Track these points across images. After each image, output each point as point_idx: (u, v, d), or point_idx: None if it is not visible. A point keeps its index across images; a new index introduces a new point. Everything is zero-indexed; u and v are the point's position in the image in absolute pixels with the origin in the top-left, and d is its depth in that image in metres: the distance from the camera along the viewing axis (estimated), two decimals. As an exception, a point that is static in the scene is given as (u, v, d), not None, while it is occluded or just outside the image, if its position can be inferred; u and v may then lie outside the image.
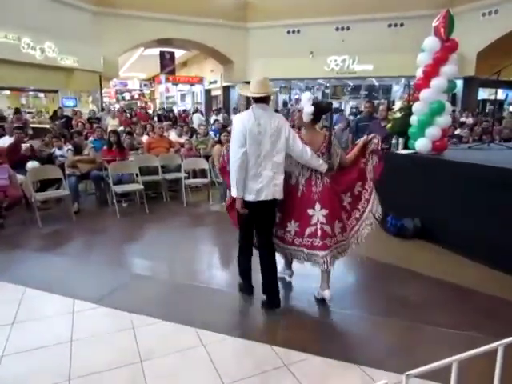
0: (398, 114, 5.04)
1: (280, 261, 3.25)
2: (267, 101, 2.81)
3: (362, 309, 3.03)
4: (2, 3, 11.20)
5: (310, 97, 2.89)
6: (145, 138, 7.79)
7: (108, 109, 13.31)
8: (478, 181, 3.81)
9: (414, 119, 4.63)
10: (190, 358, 2.36)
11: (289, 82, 19.24)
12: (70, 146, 6.32)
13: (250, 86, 2.79)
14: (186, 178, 6.26)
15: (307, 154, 2.78)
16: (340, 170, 2.99)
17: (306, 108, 2.84)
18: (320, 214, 2.86)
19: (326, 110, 3.00)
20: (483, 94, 16.69)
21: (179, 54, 21.21)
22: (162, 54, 19.32)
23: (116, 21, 15.07)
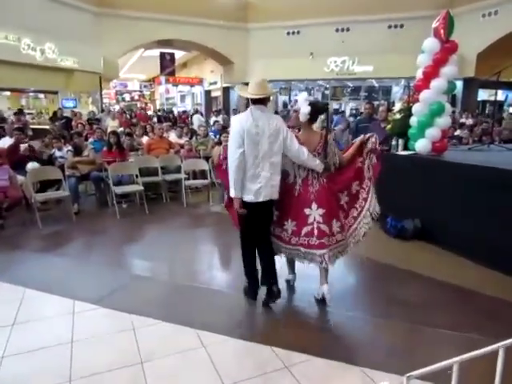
0: (398, 115, 5.05)
1: (282, 267, 3.26)
2: (265, 102, 2.83)
3: (362, 310, 3.03)
4: (2, 4, 11.22)
5: (306, 97, 2.93)
6: (145, 139, 7.79)
7: (108, 110, 13.30)
8: (477, 182, 3.81)
9: (413, 120, 4.63)
10: (191, 360, 2.36)
11: (289, 83, 19.25)
12: (70, 147, 6.32)
13: (248, 88, 2.81)
14: (186, 179, 6.27)
15: (304, 154, 2.82)
16: (337, 169, 3.01)
17: (303, 108, 2.87)
18: (317, 213, 2.89)
19: (322, 110, 3.01)
20: (483, 94, 16.69)
21: (179, 54, 21.23)
22: (162, 55, 19.34)
23: (116, 22, 15.08)
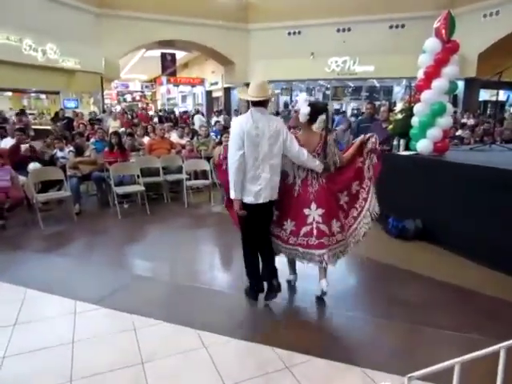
0: (400, 116, 5.04)
1: (283, 267, 3.27)
2: (265, 104, 2.85)
3: (363, 311, 3.03)
4: (3, 5, 11.26)
5: (306, 98, 2.95)
6: (146, 140, 7.80)
7: (109, 110, 13.32)
8: (479, 182, 3.80)
9: (415, 120, 4.62)
10: (192, 360, 2.36)
11: (290, 83, 19.24)
12: (72, 148, 6.33)
13: (248, 90, 2.82)
14: (188, 179, 6.27)
15: (304, 155, 2.84)
16: (337, 169, 3.02)
17: (303, 109, 2.89)
18: (316, 213, 2.91)
19: (322, 111, 3.02)
20: (484, 95, 16.66)
21: (180, 55, 21.26)
22: (163, 55, 19.37)
23: (117, 22, 15.11)
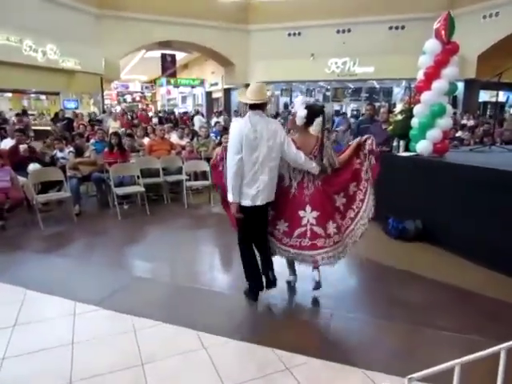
0: (399, 117, 5.04)
1: (283, 268, 3.29)
2: (263, 107, 2.87)
3: (363, 311, 3.03)
4: (4, 5, 11.28)
5: (303, 101, 2.97)
6: (146, 140, 7.80)
7: (109, 111, 13.33)
8: (479, 183, 3.80)
9: (415, 121, 4.63)
10: (192, 361, 2.35)
11: (290, 84, 19.26)
12: (72, 148, 6.33)
13: (246, 93, 2.83)
14: (187, 180, 6.27)
15: (301, 158, 2.87)
16: (333, 170, 3.04)
17: (299, 112, 2.92)
18: (311, 215, 2.95)
19: (318, 113, 3.04)
20: (484, 96, 16.68)
21: (180, 56, 21.29)
22: (164, 56, 19.41)
23: (117, 23, 15.13)
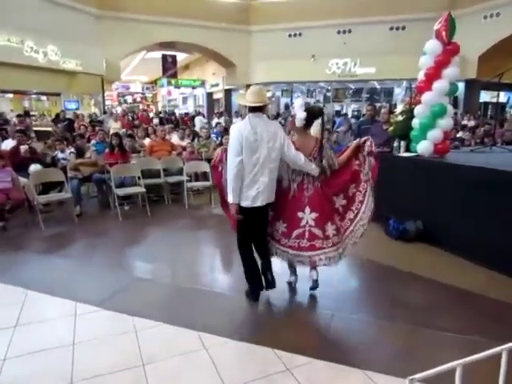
0: (400, 117, 5.03)
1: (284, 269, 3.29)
2: (263, 109, 2.89)
3: (365, 312, 3.02)
4: (5, 7, 11.30)
5: (302, 103, 2.99)
6: (146, 141, 7.81)
7: (110, 112, 13.35)
8: (480, 184, 3.79)
9: (415, 122, 4.62)
10: (193, 362, 2.35)
11: (290, 84, 19.25)
12: (73, 149, 6.33)
13: (246, 95, 2.85)
14: (188, 180, 6.27)
15: (301, 159, 2.88)
16: (332, 172, 3.05)
17: (299, 114, 2.93)
18: (309, 217, 2.97)
19: (317, 115, 3.05)
20: (485, 96, 16.67)
21: (181, 57, 21.31)
22: (164, 57, 19.43)
23: (118, 24, 15.16)
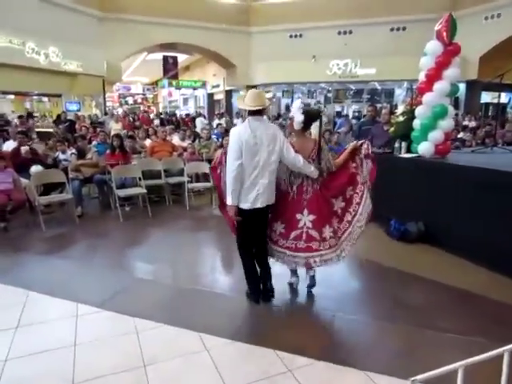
0: (401, 118, 5.04)
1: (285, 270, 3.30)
2: (262, 113, 2.91)
3: (366, 313, 3.02)
4: (6, 8, 11.33)
5: (300, 105, 3.00)
6: (147, 142, 7.81)
7: (111, 113, 13.37)
8: (481, 184, 3.79)
9: (416, 123, 4.62)
10: (194, 363, 2.35)
11: (291, 85, 19.27)
12: (74, 150, 6.35)
13: (245, 99, 2.85)
14: (189, 181, 6.27)
15: (300, 161, 2.89)
16: (330, 175, 3.07)
17: (297, 117, 2.95)
18: (307, 219, 2.99)
19: (316, 118, 3.06)
20: (486, 97, 16.65)
21: (182, 58, 21.33)
22: (165, 58, 19.44)
23: (119, 25, 15.19)
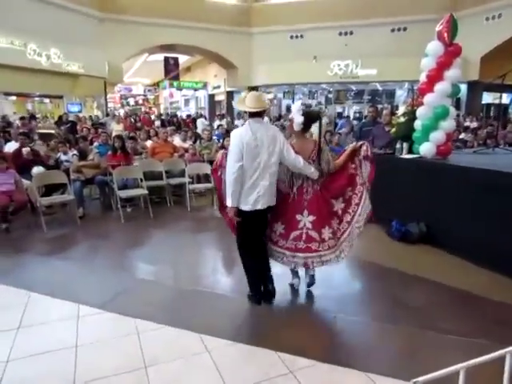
0: (402, 119, 5.02)
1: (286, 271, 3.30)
2: (262, 114, 2.94)
3: (367, 314, 3.01)
4: (8, 10, 11.37)
5: (299, 107, 3.02)
6: (149, 143, 7.82)
7: (113, 114, 13.40)
8: (483, 185, 3.78)
9: (418, 124, 4.62)
10: (195, 364, 2.35)
11: (292, 86, 19.27)
12: (75, 151, 6.36)
13: (245, 101, 2.87)
14: (190, 182, 6.28)
15: (300, 162, 2.91)
16: (330, 176, 3.09)
17: (296, 118, 2.97)
18: (307, 219, 3.01)
19: (315, 119, 3.08)
20: (487, 98, 16.63)
21: (183, 59, 21.36)
22: (166, 59, 19.48)
23: (120, 27, 15.23)
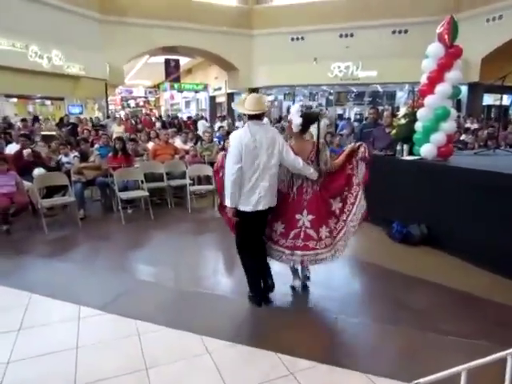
0: (403, 121, 5.02)
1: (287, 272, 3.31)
2: (261, 117, 2.96)
3: (368, 316, 3.01)
4: (9, 12, 11.41)
5: (298, 109, 3.05)
6: (149, 145, 7.83)
7: (113, 116, 13.41)
8: (484, 187, 3.78)
9: (418, 125, 4.62)
10: (195, 366, 2.35)
11: (293, 88, 19.27)
12: (77, 153, 6.37)
13: (245, 103, 2.89)
14: (191, 184, 6.29)
15: (299, 163, 2.94)
16: (329, 176, 3.13)
17: (295, 120, 3.00)
18: (306, 219, 3.06)
19: (314, 120, 3.10)
20: (488, 99, 16.62)
21: (184, 61, 21.40)
22: (167, 61, 19.51)
23: (121, 29, 15.26)
